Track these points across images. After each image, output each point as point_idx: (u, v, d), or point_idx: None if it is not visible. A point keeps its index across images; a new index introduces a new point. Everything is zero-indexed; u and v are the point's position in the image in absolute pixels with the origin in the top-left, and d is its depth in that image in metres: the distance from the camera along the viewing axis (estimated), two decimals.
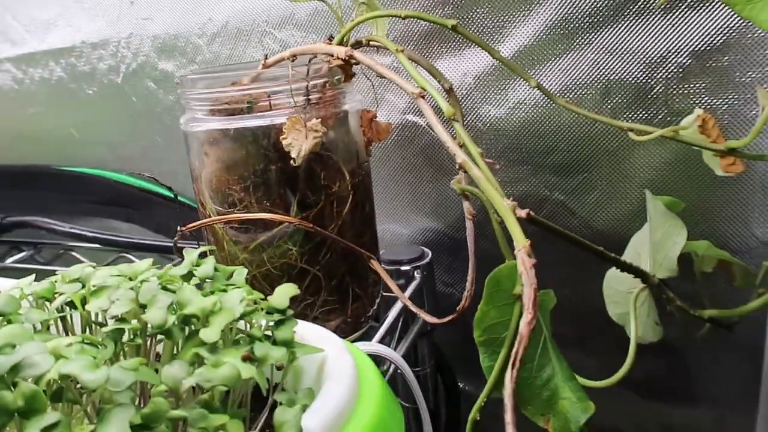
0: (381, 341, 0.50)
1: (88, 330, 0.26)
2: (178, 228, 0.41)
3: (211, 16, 0.64)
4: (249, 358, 0.23)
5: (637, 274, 0.37)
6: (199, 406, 0.21)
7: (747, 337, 0.52)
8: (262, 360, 0.24)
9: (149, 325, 0.24)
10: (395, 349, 0.52)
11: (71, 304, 0.25)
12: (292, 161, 0.38)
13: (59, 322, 0.26)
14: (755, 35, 0.45)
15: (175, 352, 0.24)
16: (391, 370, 0.48)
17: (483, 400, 0.34)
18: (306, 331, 0.31)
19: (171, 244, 0.46)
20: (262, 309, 0.27)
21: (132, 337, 0.24)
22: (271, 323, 0.27)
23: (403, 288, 0.55)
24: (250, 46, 0.63)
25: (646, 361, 0.58)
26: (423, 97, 0.36)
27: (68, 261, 0.74)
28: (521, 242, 0.31)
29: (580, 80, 0.51)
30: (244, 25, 0.63)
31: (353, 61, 0.39)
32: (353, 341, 0.47)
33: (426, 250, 0.58)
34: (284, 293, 0.27)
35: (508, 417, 0.26)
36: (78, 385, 0.20)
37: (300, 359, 0.28)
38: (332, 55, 0.40)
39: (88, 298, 0.25)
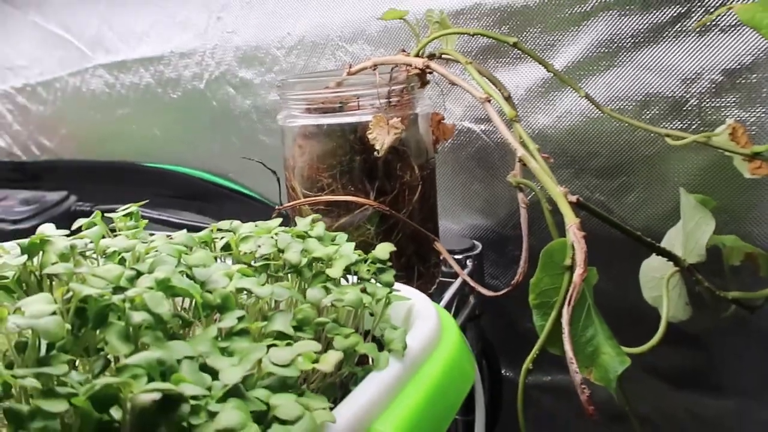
0: None
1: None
2: (276, 207, 0.48)
3: (290, 30, 0.72)
4: (364, 291, 0.30)
5: (671, 257, 0.43)
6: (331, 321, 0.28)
7: (761, 332, 0.58)
8: (373, 294, 0.31)
9: (286, 264, 0.31)
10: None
11: (227, 247, 0.33)
12: (375, 153, 0.46)
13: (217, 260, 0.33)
14: None
15: (305, 286, 0.31)
16: None
17: (536, 353, 0.40)
18: (396, 286, 0.37)
19: None
20: (366, 261, 0.34)
21: (275, 271, 0.31)
22: (374, 272, 0.34)
23: (455, 276, 0.61)
24: (324, 58, 0.71)
25: (675, 352, 0.64)
26: (489, 101, 0.43)
27: None
28: (572, 219, 0.38)
29: (622, 93, 0.58)
30: (319, 39, 0.71)
31: (428, 70, 0.47)
32: None
33: (477, 243, 0.65)
34: (385, 249, 0.34)
35: (569, 352, 0.32)
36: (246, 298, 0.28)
37: (389, 309, 0.35)
38: (410, 65, 0.47)
39: (238, 243, 0.32)
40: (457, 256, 0.63)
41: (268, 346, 0.23)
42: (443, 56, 0.49)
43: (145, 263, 0.25)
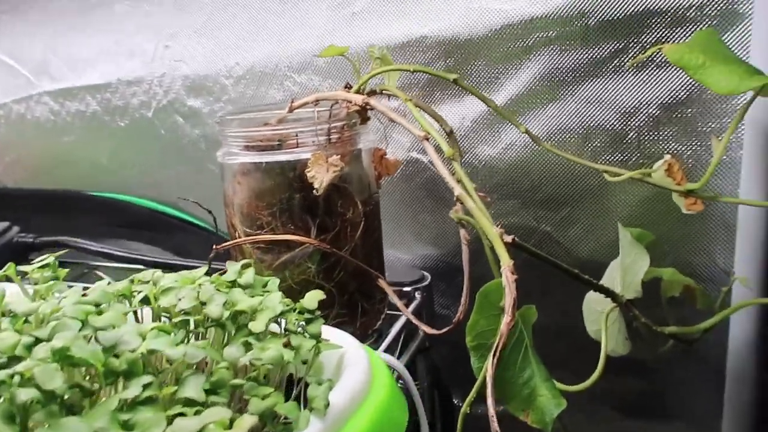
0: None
1: (157, 321, 0.32)
2: (213, 246, 0.47)
3: (239, 60, 0.72)
4: (288, 345, 0.29)
5: (608, 294, 0.44)
6: (250, 380, 0.28)
7: (712, 358, 0.58)
8: (298, 348, 0.30)
9: (208, 318, 0.30)
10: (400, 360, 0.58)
11: (145, 300, 0.31)
12: (315, 191, 0.45)
13: (135, 314, 0.32)
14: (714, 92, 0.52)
15: (226, 340, 0.30)
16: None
17: (473, 396, 0.40)
18: (327, 333, 0.37)
19: (191, 265, 0.53)
20: (294, 310, 0.33)
21: (195, 326, 0.30)
22: (302, 322, 0.33)
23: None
24: (272, 88, 0.70)
25: (624, 380, 0.64)
26: (427, 139, 0.43)
27: (92, 279, 0.80)
28: (506, 261, 0.38)
29: (564, 126, 0.58)
30: (267, 69, 0.70)
31: (368, 107, 0.46)
32: None
33: (426, 273, 0.64)
34: (313, 297, 0.34)
35: (489, 400, 0.32)
36: (159, 359, 0.27)
37: (319, 358, 0.35)
38: (351, 102, 0.47)
39: (158, 296, 0.31)
40: (405, 288, 0.63)
41: (174, 416, 0.22)
42: (384, 92, 0.49)
43: (47, 328, 0.24)
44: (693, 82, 0.53)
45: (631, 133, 0.56)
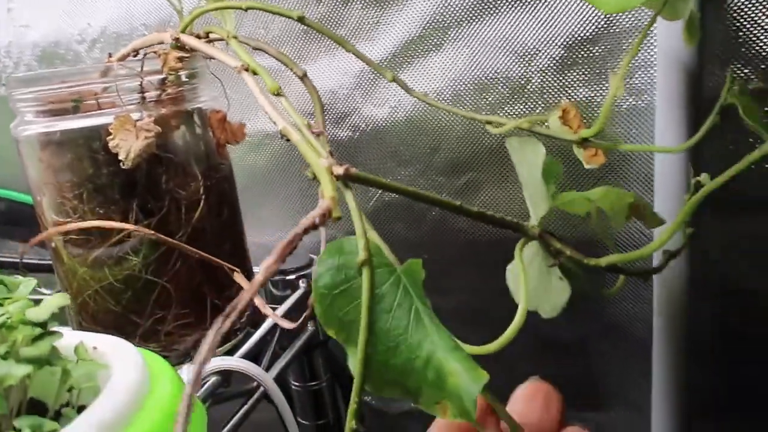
0: (260, 353, 0.47)
1: None
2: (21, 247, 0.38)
3: (90, 21, 0.61)
4: None
5: (516, 228, 0.34)
6: None
7: (639, 339, 0.51)
8: (3, 378, 0.21)
9: None
10: (275, 362, 0.49)
11: None
12: (121, 164, 0.36)
13: None
14: (623, 24, 0.44)
15: None
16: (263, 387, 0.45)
17: (356, 399, 0.29)
18: (100, 341, 0.28)
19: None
20: (23, 323, 0.24)
21: None
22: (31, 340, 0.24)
23: (287, 299, 0.52)
24: None
25: (557, 365, 0.57)
26: (246, 70, 0.34)
27: None
28: (329, 194, 0.28)
29: (457, 77, 0.49)
30: (122, 30, 0.60)
31: (180, 45, 0.37)
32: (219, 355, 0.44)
33: (314, 257, 0.55)
34: (49, 305, 0.24)
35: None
36: None
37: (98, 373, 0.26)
38: (161, 42, 0.37)
39: None
40: (289, 277, 0.54)
41: None
42: (211, 35, 0.39)
43: None
44: (600, 15, 0.45)
45: (533, 80, 0.48)
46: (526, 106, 0.48)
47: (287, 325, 0.40)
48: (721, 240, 0.46)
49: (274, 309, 0.50)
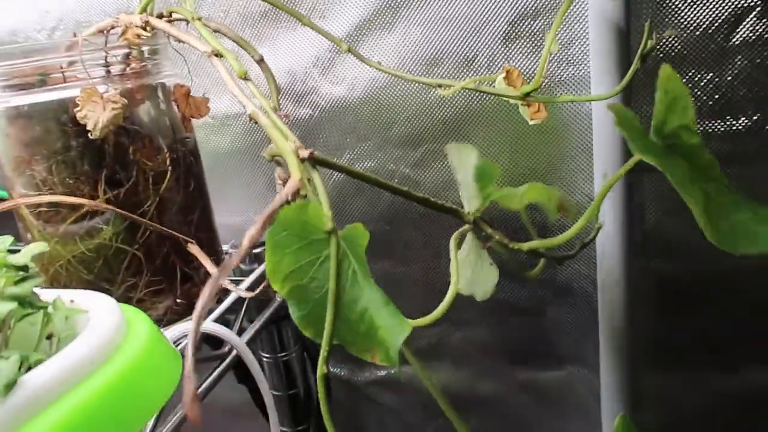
0: (228, 324, 0.49)
1: None
2: None
3: (48, 9, 0.62)
4: None
5: (454, 213, 0.37)
6: None
7: (588, 299, 0.55)
8: None
9: None
10: (246, 331, 0.51)
11: None
12: (89, 134, 0.37)
13: None
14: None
15: None
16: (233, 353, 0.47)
17: (326, 354, 0.32)
18: (76, 295, 0.29)
19: None
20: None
21: None
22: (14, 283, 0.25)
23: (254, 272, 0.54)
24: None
25: (507, 327, 0.60)
26: (216, 55, 0.36)
27: None
28: (296, 175, 0.31)
29: (411, 53, 0.52)
30: (81, 17, 0.61)
31: (149, 27, 0.39)
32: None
33: None
34: (29, 251, 0.26)
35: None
36: None
37: (78, 324, 0.27)
38: (130, 24, 0.39)
39: None
40: (256, 250, 0.56)
41: None
42: (173, 14, 0.41)
43: None
44: None
45: (481, 54, 0.51)
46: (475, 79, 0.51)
47: (244, 294, 0.42)
48: (659, 198, 0.50)
49: (241, 281, 0.52)
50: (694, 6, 0.43)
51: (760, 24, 0.43)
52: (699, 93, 0.46)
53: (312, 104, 0.57)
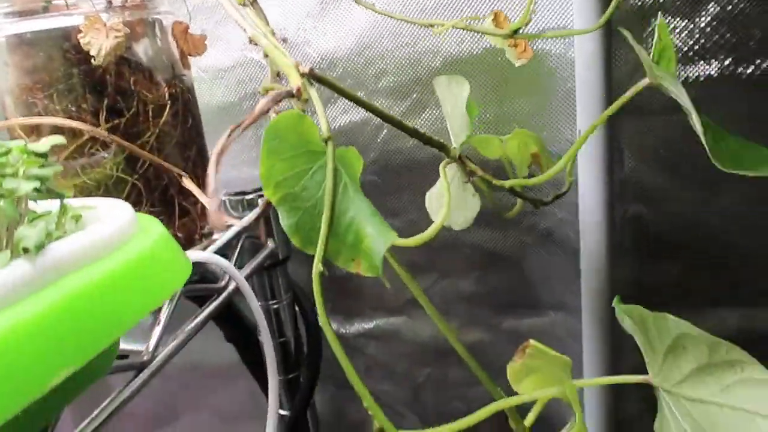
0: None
1: None
2: None
3: None
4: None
5: (440, 147, 0.40)
6: None
7: (570, 246, 0.57)
8: (9, 192, 0.24)
9: None
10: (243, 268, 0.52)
11: None
12: (92, 59, 0.38)
13: None
14: None
15: None
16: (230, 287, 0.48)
17: (321, 253, 0.33)
18: (86, 201, 0.31)
19: None
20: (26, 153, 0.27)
21: None
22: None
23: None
24: None
25: (491, 276, 0.62)
26: None
27: None
28: (297, 81, 0.33)
29: (401, 4, 0.54)
30: None
31: None
32: None
33: None
34: (48, 141, 0.27)
35: None
36: None
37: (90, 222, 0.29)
38: None
39: None
40: (249, 196, 0.57)
41: None
42: None
43: None
44: None
45: (467, 6, 0.53)
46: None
47: (245, 222, 0.44)
48: (638, 146, 0.52)
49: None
50: None
51: None
52: (675, 40, 0.48)
53: (303, 56, 0.58)
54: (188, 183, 0.45)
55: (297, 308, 0.64)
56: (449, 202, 0.39)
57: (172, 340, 0.41)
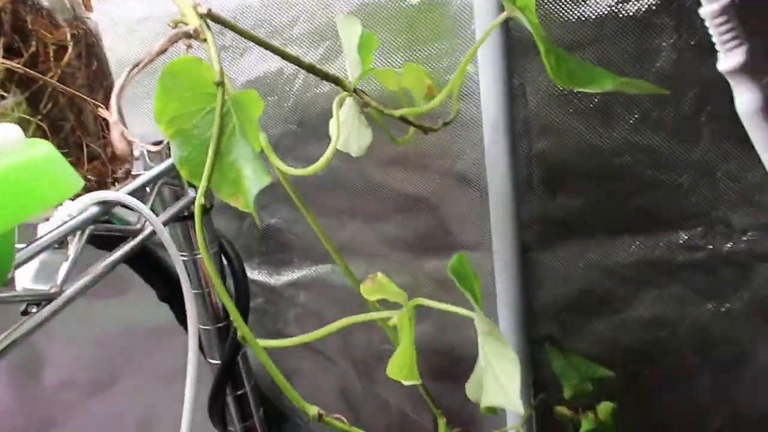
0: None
1: None
2: None
3: None
4: None
5: (332, 80, 0.41)
6: None
7: (479, 183, 0.60)
8: None
9: None
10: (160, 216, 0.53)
11: None
12: None
13: None
14: None
15: None
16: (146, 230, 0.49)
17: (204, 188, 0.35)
18: None
19: None
20: None
21: None
22: None
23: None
24: None
25: (412, 220, 0.64)
26: None
27: None
28: (195, 22, 0.34)
29: None
30: None
31: None
32: None
33: None
34: None
35: None
36: None
37: None
38: None
39: None
40: (167, 141, 0.57)
41: None
42: None
43: None
44: None
45: None
46: None
47: (154, 148, 0.44)
48: (539, 81, 0.55)
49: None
50: None
51: None
52: None
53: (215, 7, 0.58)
54: (106, 114, 0.45)
55: (224, 259, 0.65)
56: (338, 131, 0.42)
57: (83, 278, 0.42)
